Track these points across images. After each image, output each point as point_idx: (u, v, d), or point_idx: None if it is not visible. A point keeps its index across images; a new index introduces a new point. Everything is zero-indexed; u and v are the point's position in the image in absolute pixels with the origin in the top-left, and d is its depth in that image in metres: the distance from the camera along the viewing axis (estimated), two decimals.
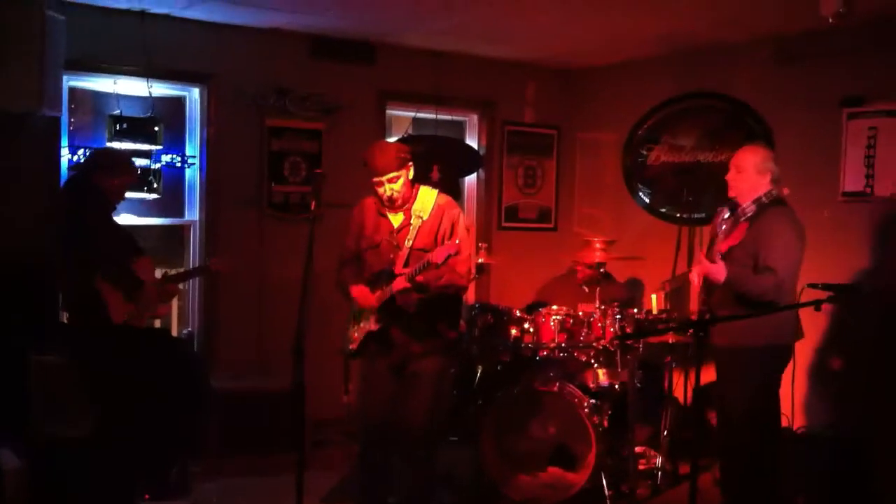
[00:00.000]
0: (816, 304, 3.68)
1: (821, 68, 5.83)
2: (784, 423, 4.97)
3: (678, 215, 6.35)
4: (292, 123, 6.27)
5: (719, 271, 4.28)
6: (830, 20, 4.89)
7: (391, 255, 4.24)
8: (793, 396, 5.04)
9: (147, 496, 4.69)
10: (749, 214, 4.38)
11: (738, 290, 4.29)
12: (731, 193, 4.53)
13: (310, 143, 6.32)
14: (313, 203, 3.97)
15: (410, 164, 4.23)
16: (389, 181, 4.14)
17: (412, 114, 6.96)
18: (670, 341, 5.40)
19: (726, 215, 4.55)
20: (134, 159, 5.24)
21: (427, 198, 4.28)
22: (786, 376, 4.54)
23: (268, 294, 6.03)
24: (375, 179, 4.17)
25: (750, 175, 4.45)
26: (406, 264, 4.17)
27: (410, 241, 4.21)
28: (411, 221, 4.23)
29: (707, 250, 4.56)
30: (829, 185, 5.78)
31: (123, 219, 5.41)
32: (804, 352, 5.41)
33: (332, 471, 5.10)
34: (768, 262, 4.25)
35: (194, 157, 6.06)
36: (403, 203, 4.24)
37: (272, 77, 6.18)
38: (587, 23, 5.87)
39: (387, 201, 4.22)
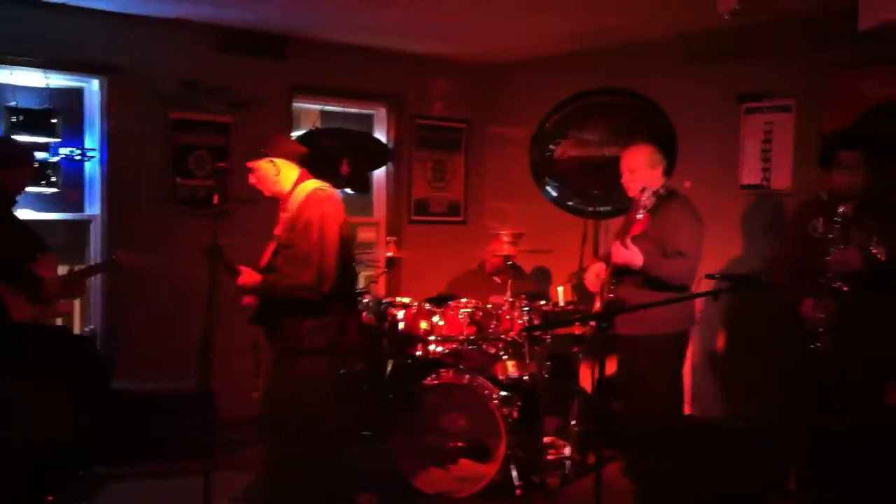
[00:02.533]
0: (714, 294, 3.79)
1: (721, 66, 5.99)
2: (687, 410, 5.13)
3: (586, 209, 6.44)
4: (199, 116, 6.16)
5: (636, 256, 4.36)
6: (726, 17, 5.03)
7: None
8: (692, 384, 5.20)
9: (50, 498, 4.55)
10: (649, 206, 4.47)
11: (653, 275, 4.37)
12: (631, 194, 4.63)
13: (217, 137, 6.21)
14: (216, 197, 3.90)
15: (271, 157, 4.19)
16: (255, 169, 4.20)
17: (320, 107, 6.90)
18: (577, 332, 5.49)
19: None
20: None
21: (301, 192, 4.24)
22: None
23: (175, 291, 5.90)
24: None
25: (643, 172, 4.56)
26: (273, 257, 4.15)
27: (278, 233, 4.19)
28: (284, 215, 4.21)
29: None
30: (730, 178, 5.96)
31: (21, 214, 5.22)
32: (699, 340, 5.59)
33: (244, 471, 5.02)
34: (679, 247, 4.37)
35: (94, 150, 5.90)
36: (273, 195, 4.23)
37: (178, 69, 6.05)
38: (498, 20, 5.91)
39: None
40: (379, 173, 7.27)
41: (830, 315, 3.90)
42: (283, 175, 4.22)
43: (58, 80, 5.74)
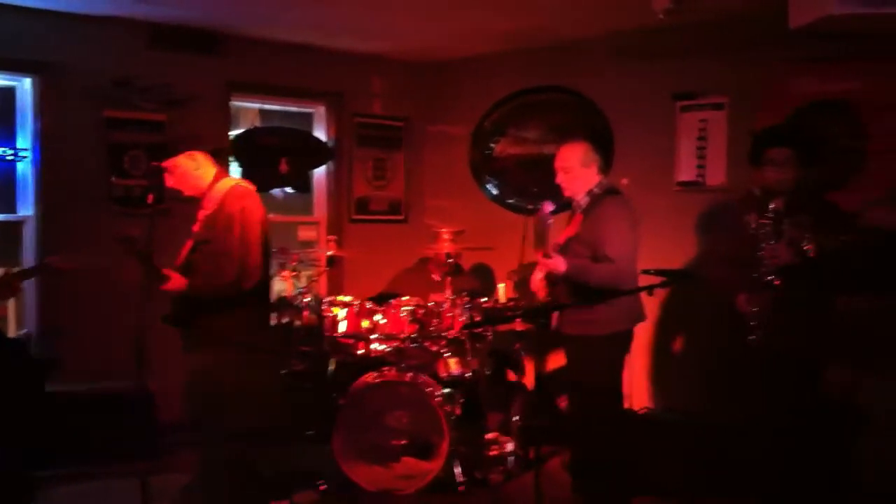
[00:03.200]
0: (649, 289, 3.86)
1: (657, 64, 6.08)
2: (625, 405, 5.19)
3: (525, 206, 6.49)
4: (133, 115, 6.06)
5: (559, 264, 4.38)
6: (661, 16, 5.10)
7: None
8: (637, 379, 5.27)
9: None
10: (583, 206, 4.51)
11: (579, 281, 4.40)
12: (567, 194, 4.64)
13: (152, 136, 6.12)
14: (150, 196, 3.86)
15: (195, 152, 4.16)
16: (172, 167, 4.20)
17: (258, 105, 6.84)
18: (519, 329, 5.53)
19: (550, 209, 4.67)
20: None
21: (220, 189, 4.20)
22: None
23: (111, 291, 5.78)
24: None
25: (577, 171, 4.56)
26: (190, 254, 4.13)
27: (196, 231, 4.18)
28: (202, 212, 4.19)
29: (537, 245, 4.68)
30: (666, 176, 6.06)
31: None
32: (643, 335, 5.67)
33: (184, 473, 4.95)
34: (606, 251, 4.36)
35: (27, 150, 5.77)
36: (193, 194, 4.22)
37: (111, 67, 5.95)
38: (436, 18, 5.92)
39: None
40: (319, 172, 7.23)
41: (763, 308, 3.99)
42: (202, 171, 4.18)
43: None
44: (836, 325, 4.12)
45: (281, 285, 5.88)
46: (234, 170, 6.33)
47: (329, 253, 5.81)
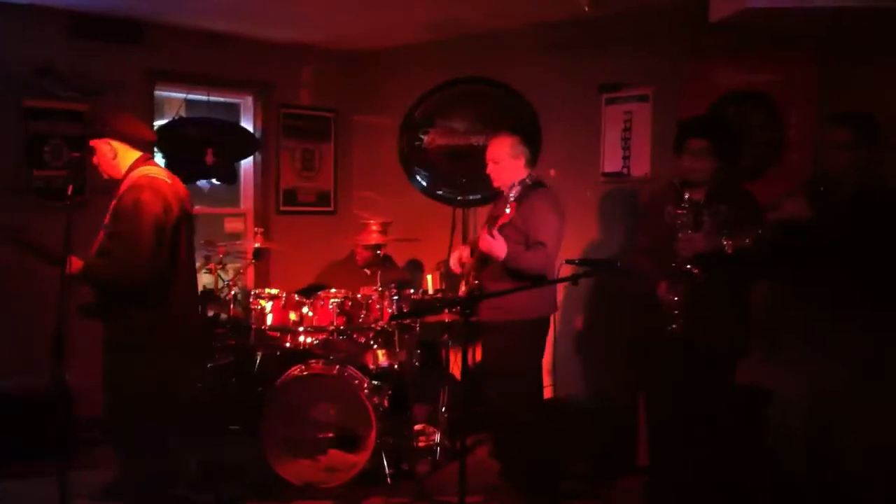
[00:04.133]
0: (574, 279, 3.93)
1: (583, 56, 6.14)
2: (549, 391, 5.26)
3: (454, 197, 6.50)
4: (53, 105, 5.92)
5: (500, 248, 4.45)
6: (586, 8, 5.15)
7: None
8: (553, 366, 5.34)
9: None
10: (515, 196, 4.56)
11: (514, 266, 4.48)
12: (496, 184, 4.75)
13: (73, 126, 5.98)
14: (70, 188, 3.76)
15: (108, 139, 4.05)
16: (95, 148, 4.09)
17: (183, 95, 6.73)
18: (446, 320, 5.54)
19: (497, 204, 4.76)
20: None
21: (130, 178, 4.07)
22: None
23: (33, 286, 5.64)
24: None
25: (507, 163, 4.68)
26: (100, 247, 4.02)
27: (105, 221, 4.05)
28: (113, 202, 4.04)
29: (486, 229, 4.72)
30: (592, 167, 6.12)
31: None
32: (561, 323, 5.73)
33: (103, 469, 4.86)
34: (539, 237, 4.50)
35: None
36: (106, 175, 4.12)
37: (30, 56, 5.80)
38: (364, 7, 5.89)
39: None
40: (246, 163, 7.15)
41: (682, 297, 4.06)
42: (119, 159, 4.06)
43: None
44: (749, 314, 4.23)
45: (207, 278, 5.80)
46: (159, 160, 6.22)
47: (256, 245, 5.74)
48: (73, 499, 3.64)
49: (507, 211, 4.47)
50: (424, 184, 7.02)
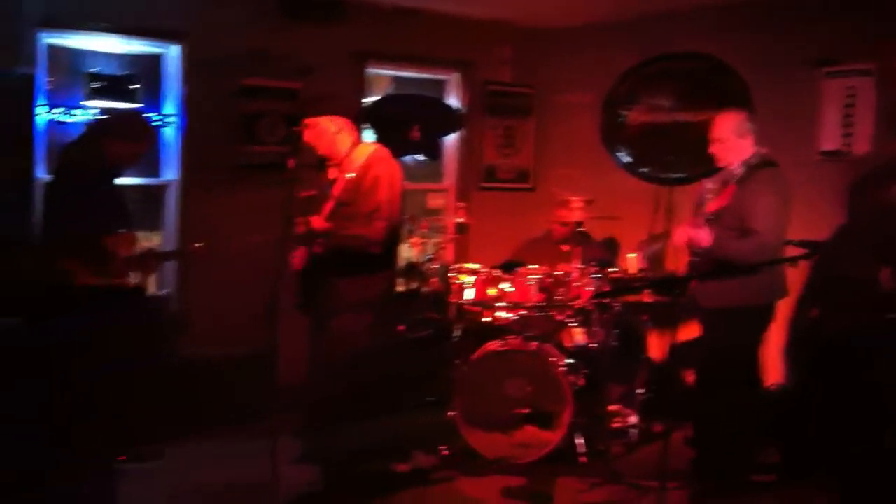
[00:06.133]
0: (793, 260, 3.72)
1: (799, 30, 5.81)
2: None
3: (657, 175, 6.36)
4: (268, 83, 6.20)
5: (704, 238, 4.32)
6: None
7: (321, 206, 4.34)
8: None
9: (123, 458, 4.70)
10: (737, 177, 4.39)
11: (721, 255, 4.32)
12: (720, 163, 4.56)
13: (287, 104, 6.26)
14: (291, 161, 3.95)
15: (335, 116, 4.25)
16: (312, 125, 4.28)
17: (391, 73, 6.90)
18: (647, 301, 5.44)
19: (710, 185, 4.58)
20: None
21: (362, 152, 4.29)
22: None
23: (242, 257, 5.97)
24: None
25: (732, 142, 4.48)
26: (331, 215, 4.27)
27: (337, 194, 4.28)
28: (342, 176, 4.30)
29: (694, 215, 4.59)
30: (806, 145, 5.80)
31: None
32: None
33: (304, 434, 5.06)
34: (753, 224, 4.29)
35: (172, 116, 6.01)
36: (326, 155, 4.33)
37: (246, 36, 6.10)
38: None
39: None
40: (449, 139, 7.26)
41: None
42: (340, 136, 4.28)
43: (138, 47, 5.85)
44: None
45: (409, 252, 5.95)
46: (368, 136, 6.43)
47: (459, 220, 5.84)
48: (279, 460, 3.83)
49: (725, 193, 4.32)
50: (626, 161, 6.89)
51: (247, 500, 4.33)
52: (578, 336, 5.40)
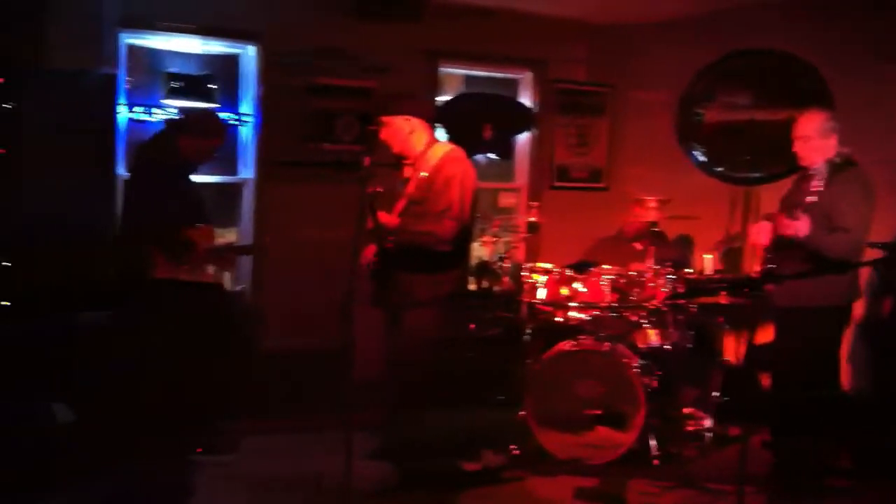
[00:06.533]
0: (876, 264, 3.65)
1: (877, 25, 5.65)
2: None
3: (734, 175, 6.25)
4: (343, 82, 6.26)
5: (803, 227, 4.24)
6: None
7: (394, 203, 4.40)
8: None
9: (199, 450, 4.79)
10: (822, 176, 4.31)
11: (815, 248, 4.26)
12: (803, 163, 4.52)
13: (361, 102, 6.30)
14: (367, 159, 3.97)
15: (408, 115, 4.29)
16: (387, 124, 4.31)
17: (464, 72, 6.90)
18: (723, 302, 5.34)
19: (799, 181, 4.55)
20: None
21: (436, 152, 4.32)
22: None
23: (316, 253, 6.04)
24: None
25: (816, 141, 4.44)
26: (403, 213, 4.34)
27: (410, 192, 4.35)
28: (416, 174, 4.35)
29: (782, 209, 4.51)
30: (892, 144, 5.64)
31: None
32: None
33: (375, 429, 5.10)
34: (843, 222, 4.25)
35: (248, 115, 6.10)
36: (400, 153, 4.38)
37: (321, 35, 6.17)
38: None
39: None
40: (521, 138, 7.24)
41: None
42: (415, 135, 4.32)
43: (215, 47, 5.96)
44: None
45: (481, 251, 5.95)
46: (440, 135, 6.44)
47: (531, 219, 5.82)
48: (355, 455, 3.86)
49: (813, 192, 4.23)
50: (702, 160, 6.78)
51: (319, 495, 4.37)
52: (652, 337, 5.33)
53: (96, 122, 4.92)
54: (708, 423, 5.28)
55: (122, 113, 5.51)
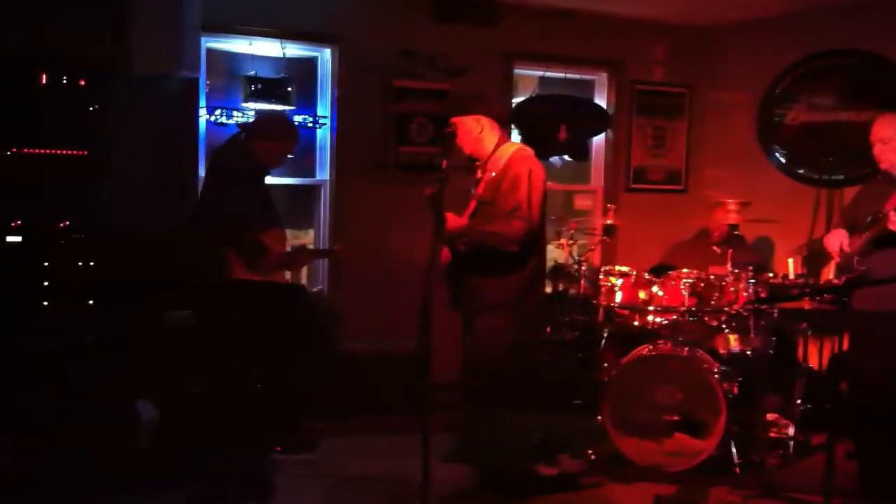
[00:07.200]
0: None
1: None
2: None
3: (816, 177, 6.12)
4: (419, 84, 6.29)
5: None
6: None
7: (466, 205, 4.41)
8: None
9: (277, 448, 4.84)
10: None
11: None
12: (883, 166, 4.39)
13: (436, 104, 6.31)
14: (444, 162, 3.97)
15: (477, 116, 4.30)
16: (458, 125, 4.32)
17: (539, 73, 6.87)
18: (806, 307, 5.21)
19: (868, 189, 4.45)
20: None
21: (505, 152, 4.31)
22: None
23: (393, 255, 6.07)
24: None
25: (895, 144, 4.30)
26: (473, 214, 4.32)
27: (480, 193, 4.33)
28: (486, 175, 4.34)
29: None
30: None
31: None
32: None
33: (451, 432, 5.09)
34: None
35: (325, 117, 6.16)
36: (471, 154, 4.36)
37: (398, 38, 6.21)
38: None
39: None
40: (597, 140, 7.17)
41: None
42: (485, 135, 4.32)
43: (293, 50, 6.03)
44: None
45: (557, 253, 5.91)
46: (515, 137, 6.42)
47: (607, 222, 5.76)
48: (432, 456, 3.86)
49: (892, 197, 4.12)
50: (783, 162, 6.65)
51: (396, 496, 4.38)
52: (733, 342, 5.23)
53: (178, 125, 4.99)
54: (791, 430, 5.17)
55: (203, 116, 5.60)
